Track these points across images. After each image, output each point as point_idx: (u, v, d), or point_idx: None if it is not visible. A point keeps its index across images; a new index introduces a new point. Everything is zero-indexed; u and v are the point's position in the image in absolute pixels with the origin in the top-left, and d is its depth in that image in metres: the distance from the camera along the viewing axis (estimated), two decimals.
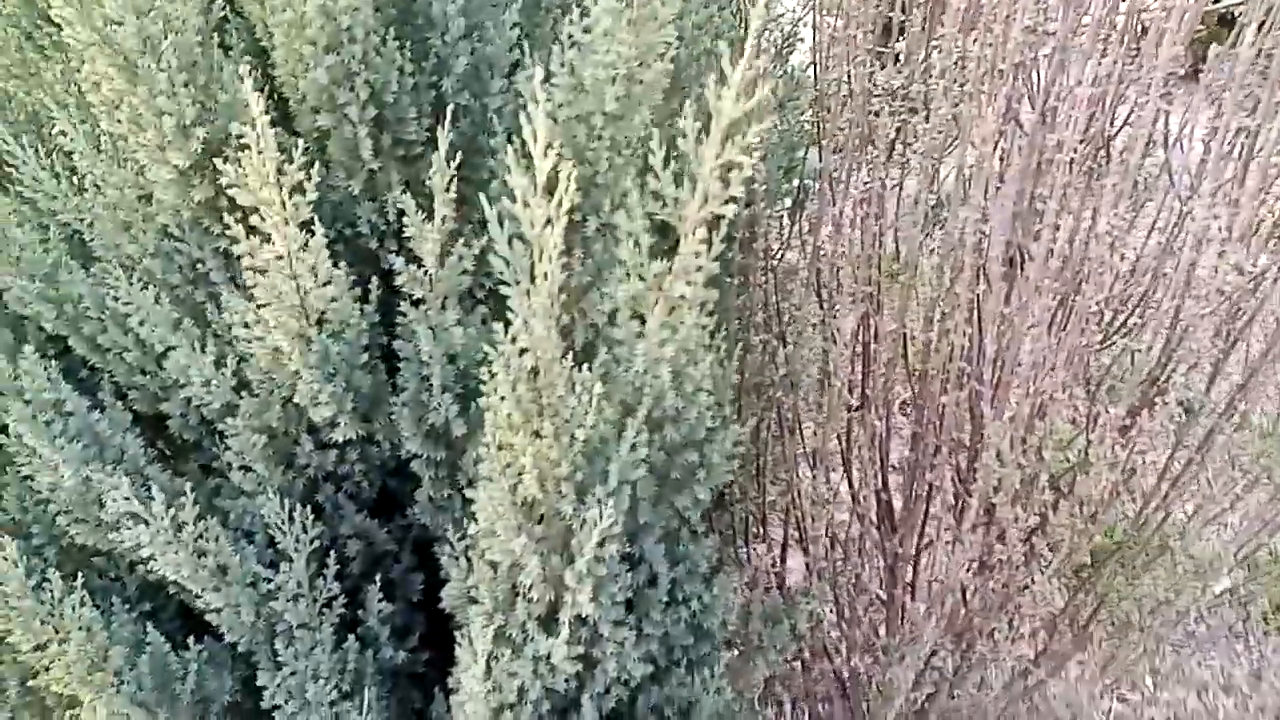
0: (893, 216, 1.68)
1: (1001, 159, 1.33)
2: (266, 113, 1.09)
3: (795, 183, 2.13)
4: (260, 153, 1.06)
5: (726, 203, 1.05)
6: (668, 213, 1.11)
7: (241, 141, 1.07)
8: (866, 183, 1.65)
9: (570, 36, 1.20)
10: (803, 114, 2.08)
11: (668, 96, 1.22)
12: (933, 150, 1.46)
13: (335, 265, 1.30)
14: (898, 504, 1.85)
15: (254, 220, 1.15)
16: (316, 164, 1.18)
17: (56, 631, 1.31)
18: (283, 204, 1.13)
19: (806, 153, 1.91)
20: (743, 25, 1.90)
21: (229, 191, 1.10)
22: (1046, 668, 1.79)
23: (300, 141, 1.38)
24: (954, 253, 1.37)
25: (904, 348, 1.50)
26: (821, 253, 1.66)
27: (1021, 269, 1.47)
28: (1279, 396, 2.90)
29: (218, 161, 1.15)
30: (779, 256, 1.85)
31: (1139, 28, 1.52)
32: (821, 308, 1.78)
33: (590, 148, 1.19)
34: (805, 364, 1.64)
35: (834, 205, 1.63)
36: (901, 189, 1.69)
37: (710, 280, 1.21)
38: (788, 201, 2.15)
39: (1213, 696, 2.64)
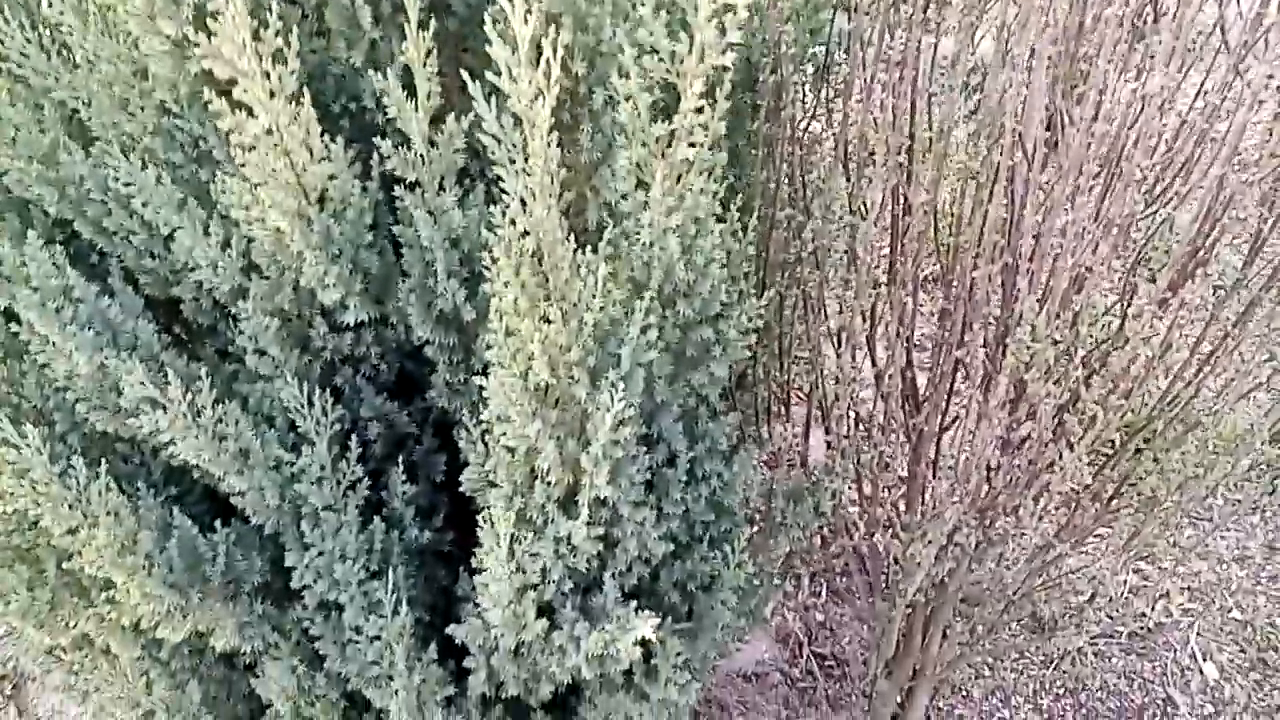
0: (926, 81, 1.58)
1: (1043, 15, 1.23)
2: None
3: (821, 47, 2.02)
4: (233, 19, 0.98)
5: (725, 51, 0.98)
6: (664, 69, 1.05)
7: (211, 8, 1.00)
8: (898, 46, 1.55)
9: None
10: None
11: None
12: (971, 6, 1.36)
13: (334, 140, 1.25)
14: (922, 381, 1.82)
15: (237, 94, 1.09)
16: (309, 35, 1.11)
17: (85, 517, 1.33)
18: (265, 75, 1.07)
19: (834, 15, 1.80)
20: None
21: (205, 65, 1.04)
22: (1068, 543, 1.78)
23: (298, 10, 1.31)
24: (992, 119, 1.29)
25: (935, 221, 1.43)
26: (850, 121, 1.58)
27: (1062, 134, 1.39)
28: None
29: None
30: (804, 126, 1.76)
31: None
32: (848, 180, 1.71)
33: (591, 14, 1.12)
34: (831, 239, 1.58)
35: (864, 70, 1.53)
36: (936, 51, 1.59)
37: (725, 146, 1.15)
38: (811, 69, 2.05)
39: (1225, 568, 2.66)
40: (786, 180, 1.64)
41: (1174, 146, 1.40)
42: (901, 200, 1.65)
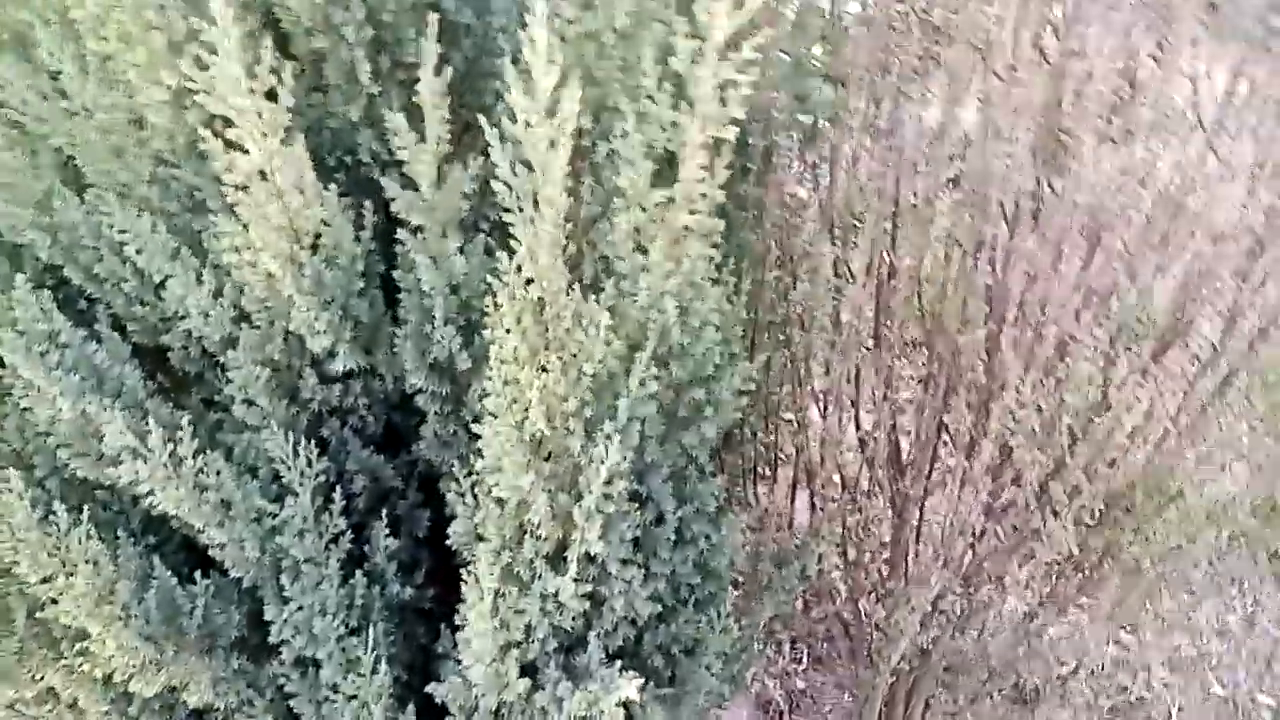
0: (911, 149, 1.62)
1: (1023, 89, 1.28)
2: (258, 33, 1.03)
3: (807, 114, 2.07)
4: (228, 55, 1.00)
5: (727, 124, 1.00)
6: (666, 138, 1.07)
7: (205, 42, 1.01)
8: (884, 115, 1.60)
9: None
10: (815, 41, 2.01)
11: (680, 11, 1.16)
12: (956, 79, 1.40)
13: (326, 188, 1.26)
14: (906, 445, 1.83)
15: (230, 132, 1.10)
16: (307, 89, 1.12)
17: (63, 565, 1.30)
18: (258, 113, 1.08)
19: (822, 83, 1.85)
20: None
21: (198, 99, 1.04)
22: (1051, 611, 1.78)
23: (297, 66, 1.33)
24: (975, 188, 1.32)
25: (919, 286, 1.46)
26: (837, 187, 1.61)
27: (1042, 204, 1.42)
28: None
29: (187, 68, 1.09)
30: (791, 191, 1.80)
31: None
32: (834, 244, 1.74)
33: (600, 68, 1.14)
34: (818, 302, 1.60)
35: (850, 138, 1.57)
36: (920, 120, 1.63)
37: (720, 212, 1.17)
38: (798, 135, 2.09)
39: (1206, 641, 2.65)
40: (775, 244, 1.66)
41: (1152, 218, 1.43)
42: (887, 266, 1.68)
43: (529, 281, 1.03)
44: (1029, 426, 1.30)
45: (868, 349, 1.66)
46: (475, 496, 1.29)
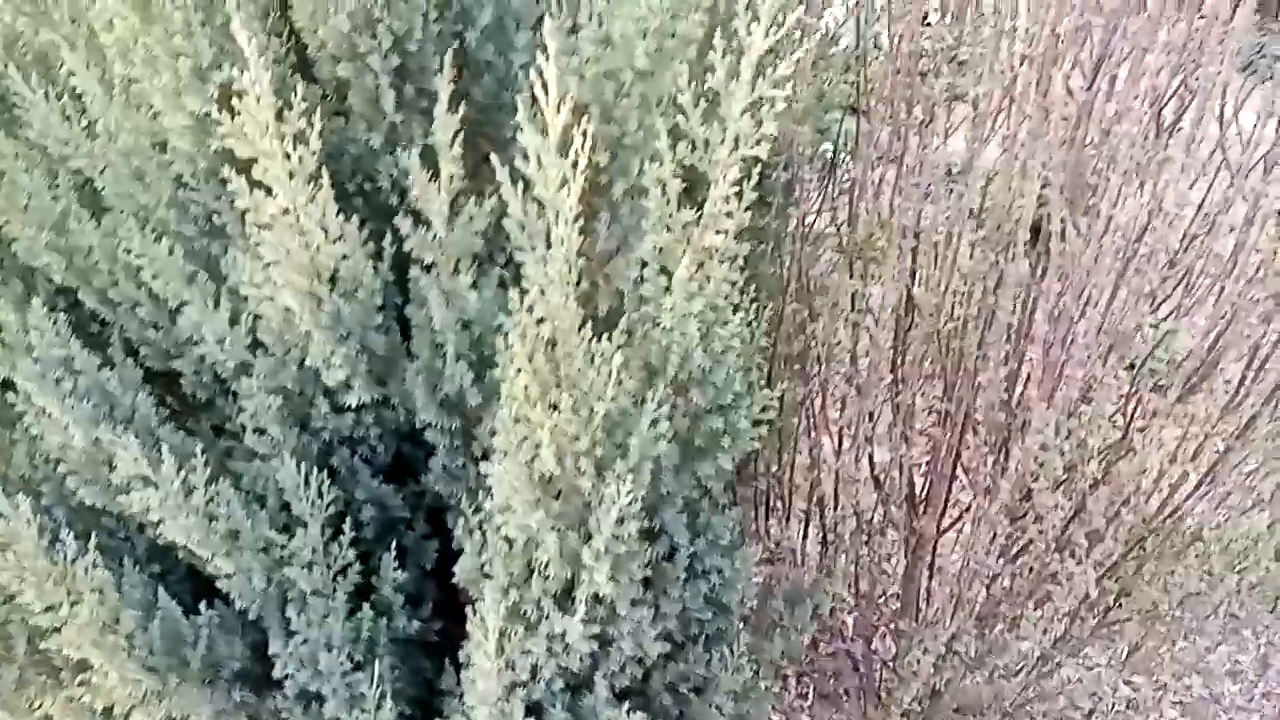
0: (934, 185, 1.61)
1: (1052, 128, 1.26)
2: (282, 60, 1.03)
3: (828, 146, 2.06)
4: (257, 99, 0.99)
5: (759, 143, 0.99)
6: (698, 156, 1.06)
7: (236, 88, 1.01)
8: (909, 149, 1.58)
9: None
10: (838, 75, 2.00)
11: (701, 52, 1.15)
12: (983, 116, 1.39)
13: (348, 220, 1.25)
14: (921, 483, 1.81)
15: (256, 173, 1.09)
16: (329, 114, 1.11)
17: (69, 593, 1.29)
18: (285, 155, 1.07)
19: (844, 116, 1.84)
20: None
21: (227, 143, 1.04)
22: (1066, 654, 1.75)
23: (319, 90, 1.33)
24: (999, 226, 1.31)
25: (940, 323, 1.44)
26: (858, 220, 1.60)
27: (1064, 243, 1.40)
28: None
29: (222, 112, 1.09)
30: (811, 223, 1.79)
31: None
32: (852, 277, 1.72)
33: (619, 105, 1.13)
34: (837, 336, 1.58)
35: (871, 171, 1.56)
36: (943, 154, 1.62)
37: (742, 237, 1.16)
38: (819, 166, 2.08)
39: (1219, 683, 2.60)
40: (794, 276, 1.65)
41: (1178, 260, 1.42)
42: (907, 300, 1.66)
43: (540, 320, 1.02)
44: (1051, 469, 1.28)
45: (886, 384, 1.64)
46: (483, 534, 1.27)
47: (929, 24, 1.56)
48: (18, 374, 1.21)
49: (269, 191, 1.15)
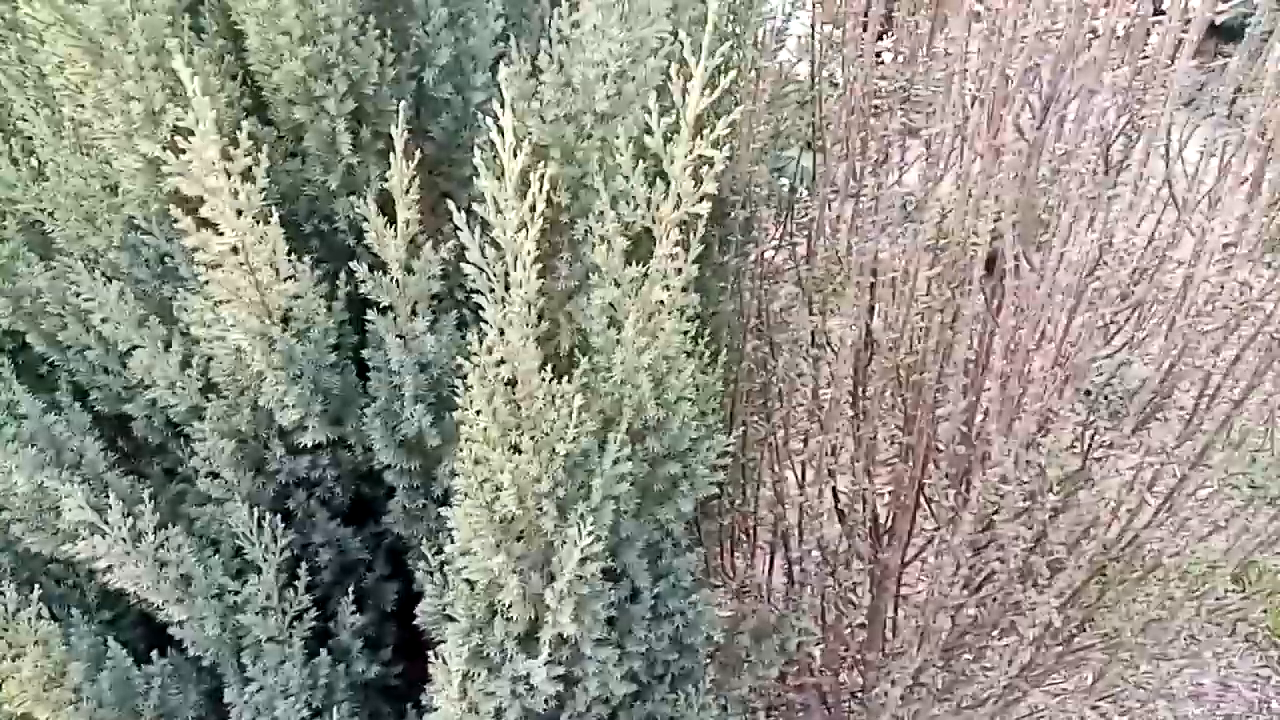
0: (890, 221, 1.63)
1: (1002, 165, 1.28)
2: (235, 102, 1.02)
3: (784, 183, 2.08)
4: (202, 136, 0.98)
5: (700, 201, 1.00)
6: (640, 214, 1.06)
7: (178, 124, 1.00)
8: (865, 185, 1.60)
9: (559, 31, 1.14)
10: (791, 113, 2.03)
11: (661, 96, 1.16)
12: (936, 155, 1.41)
13: (301, 260, 1.24)
14: (884, 514, 1.81)
15: (205, 211, 1.08)
16: (284, 155, 1.11)
17: (10, 646, 1.25)
18: (233, 193, 1.06)
19: (801, 153, 1.86)
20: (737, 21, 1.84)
21: (171, 180, 1.03)
22: (1032, 683, 1.75)
23: (274, 132, 1.32)
24: (956, 262, 1.32)
25: (900, 357, 1.45)
26: (816, 256, 1.61)
27: (1016, 277, 1.42)
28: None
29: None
30: (770, 259, 1.80)
31: (1145, 36, 1.48)
32: (811, 313, 1.73)
33: (580, 148, 1.14)
34: (796, 371, 1.59)
35: (828, 209, 1.58)
36: (901, 191, 1.64)
37: (696, 285, 1.16)
38: (775, 203, 2.10)
39: (1181, 705, 2.62)
40: (754, 313, 1.65)
41: (1129, 293, 1.44)
42: (866, 335, 1.68)
43: (500, 362, 1.01)
44: (1011, 500, 1.29)
45: (847, 417, 1.65)
46: (444, 576, 1.25)
47: (882, 63, 1.59)
48: None
49: (217, 230, 1.13)
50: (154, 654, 1.38)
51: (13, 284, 1.32)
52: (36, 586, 1.28)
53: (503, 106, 0.88)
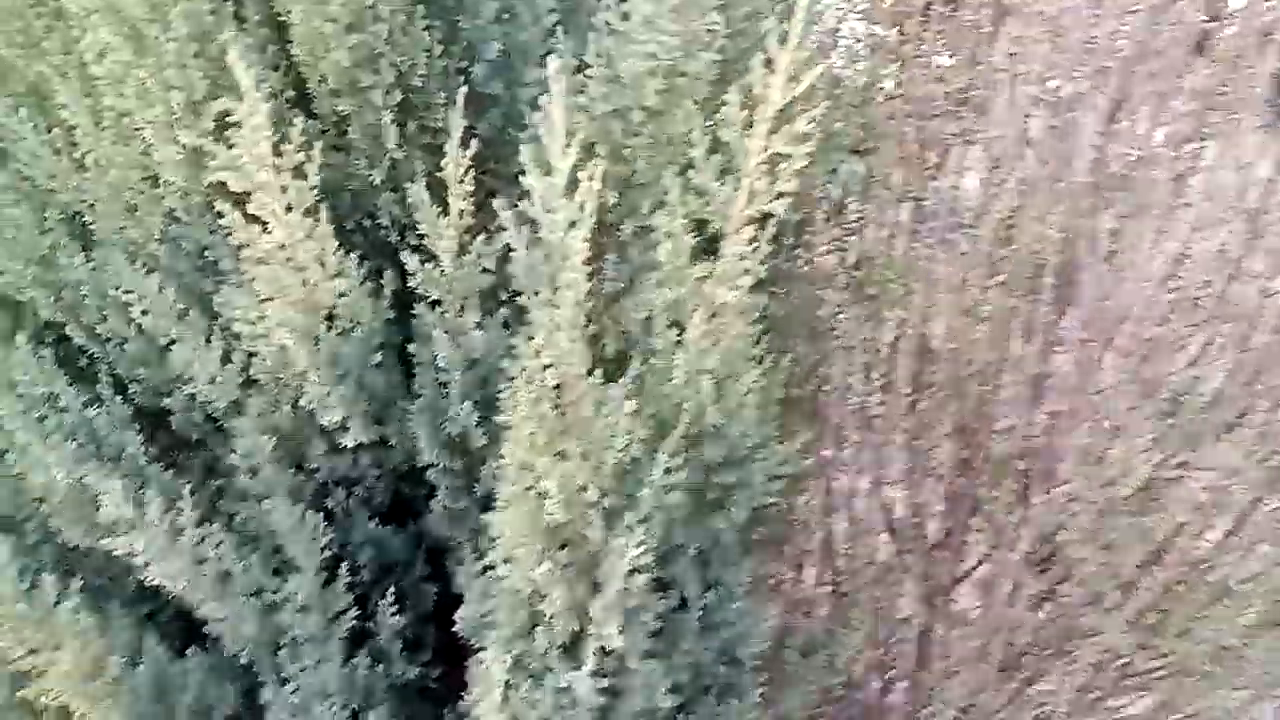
0: (947, 224, 1.57)
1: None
2: (279, 94, 0.99)
3: (834, 186, 2.02)
4: (254, 130, 0.95)
5: (775, 199, 0.95)
6: (710, 211, 1.02)
7: (223, 113, 0.97)
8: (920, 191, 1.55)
9: (608, 24, 1.10)
10: (844, 114, 1.97)
11: (713, 92, 1.12)
12: (997, 159, 1.35)
13: (346, 255, 1.21)
14: (935, 528, 1.75)
15: (253, 207, 1.05)
16: (327, 149, 1.07)
17: (50, 637, 1.24)
18: (282, 189, 1.03)
19: (851, 158, 1.80)
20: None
21: (220, 175, 1.00)
22: (1090, 709, 1.68)
23: (318, 125, 1.29)
24: (1020, 270, 1.26)
25: (959, 368, 1.40)
26: (870, 261, 1.56)
27: (1080, 288, 1.36)
28: None
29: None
30: (820, 265, 1.74)
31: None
32: (864, 320, 1.68)
33: (628, 145, 1.09)
34: (851, 378, 1.53)
35: (882, 211, 1.52)
36: (958, 196, 1.58)
37: (758, 289, 1.11)
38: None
39: None
40: (806, 319, 1.60)
41: (1202, 307, 1.37)
42: (921, 343, 1.62)
43: (547, 365, 0.97)
44: (1079, 520, 1.23)
45: (900, 427, 1.59)
46: (485, 582, 1.22)
47: (939, 66, 1.53)
48: (1, 411, 1.16)
49: (265, 226, 1.11)
50: (191, 649, 1.36)
51: (54, 275, 1.31)
52: (76, 578, 1.27)
53: (556, 98, 0.84)
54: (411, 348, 1.25)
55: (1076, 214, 1.29)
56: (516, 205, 1.06)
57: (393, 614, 1.41)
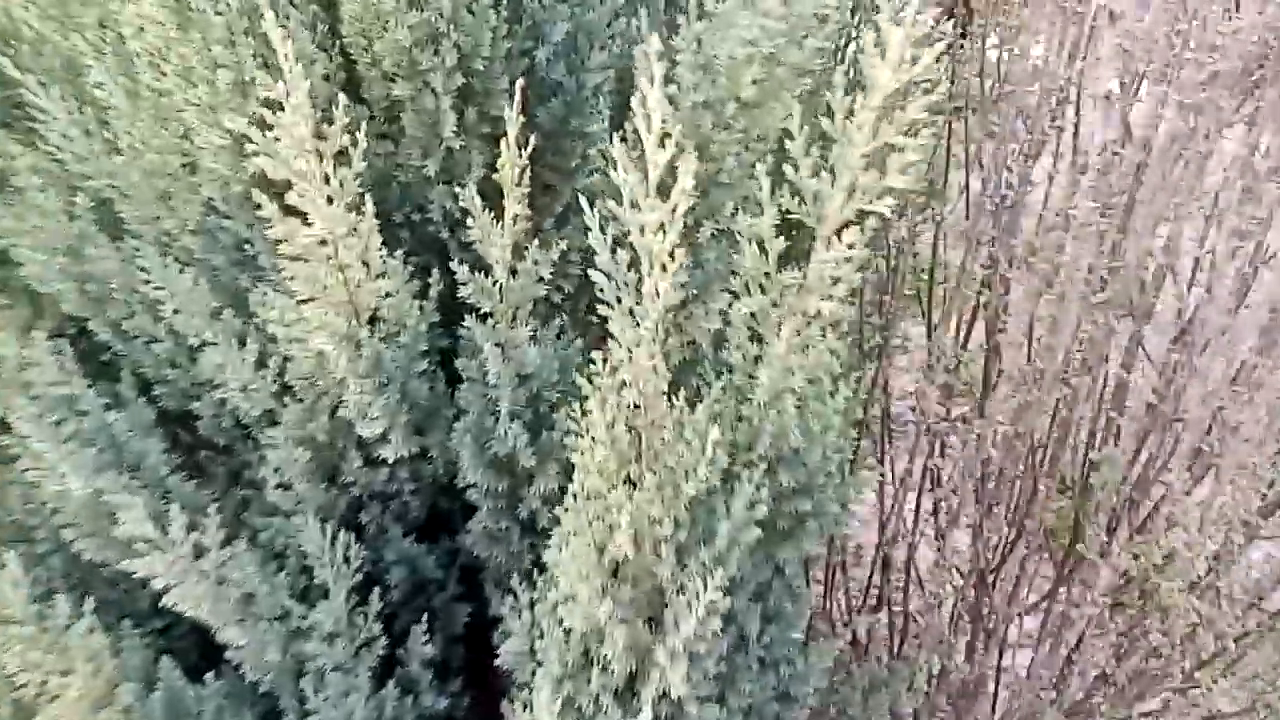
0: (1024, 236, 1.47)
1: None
2: (332, 76, 0.89)
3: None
4: (294, 110, 0.85)
5: (881, 196, 0.84)
6: (804, 210, 0.91)
7: (269, 97, 0.87)
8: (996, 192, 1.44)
9: (700, 5, 0.99)
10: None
11: (816, 87, 1.02)
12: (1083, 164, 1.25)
13: (392, 253, 1.11)
14: (996, 559, 1.65)
15: (292, 198, 0.95)
16: (375, 137, 0.97)
17: (60, 661, 1.14)
18: (325, 178, 0.93)
19: (937, 154, 1.70)
20: None
21: (256, 161, 0.90)
22: None
23: (366, 112, 1.19)
24: (1124, 287, 1.16)
25: (1044, 390, 1.29)
26: (944, 270, 1.45)
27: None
28: None
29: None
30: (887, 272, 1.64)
31: None
32: (930, 335, 1.58)
33: (717, 140, 0.99)
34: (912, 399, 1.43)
35: (968, 217, 1.42)
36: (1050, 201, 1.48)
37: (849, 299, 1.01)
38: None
39: None
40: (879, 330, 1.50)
41: None
42: (991, 358, 1.52)
43: (624, 384, 0.87)
44: (1186, 568, 1.12)
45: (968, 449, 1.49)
46: (533, 614, 1.12)
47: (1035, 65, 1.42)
48: (15, 414, 1.07)
49: (305, 219, 1.01)
50: (209, 676, 1.27)
51: (79, 266, 1.21)
52: (88, 595, 1.18)
53: (651, 84, 0.74)
54: (459, 362, 1.15)
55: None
56: (573, 203, 0.96)
57: (424, 642, 1.31)
